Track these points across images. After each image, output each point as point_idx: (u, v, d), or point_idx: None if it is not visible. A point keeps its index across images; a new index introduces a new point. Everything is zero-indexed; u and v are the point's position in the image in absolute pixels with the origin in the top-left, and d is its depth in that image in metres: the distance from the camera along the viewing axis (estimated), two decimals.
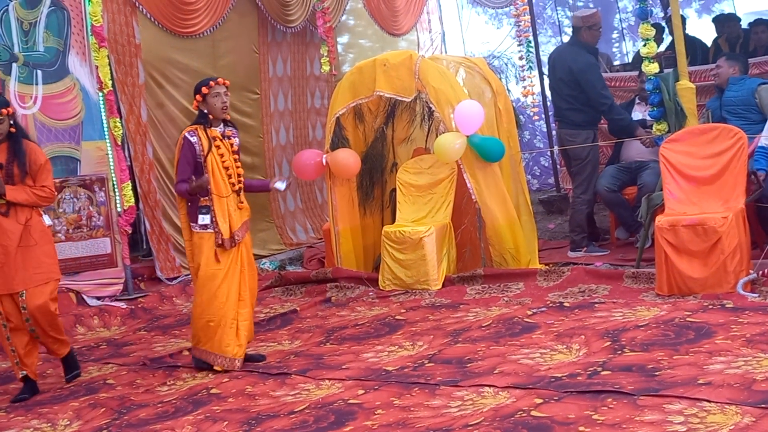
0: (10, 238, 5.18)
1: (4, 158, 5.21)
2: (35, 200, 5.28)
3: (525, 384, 4.33)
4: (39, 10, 7.56)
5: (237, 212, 5.46)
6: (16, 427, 4.70)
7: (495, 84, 7.75)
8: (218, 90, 5.36)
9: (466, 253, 7.48)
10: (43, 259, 5.30)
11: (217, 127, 5.46)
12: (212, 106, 5.37)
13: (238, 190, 5.49)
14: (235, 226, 5.41)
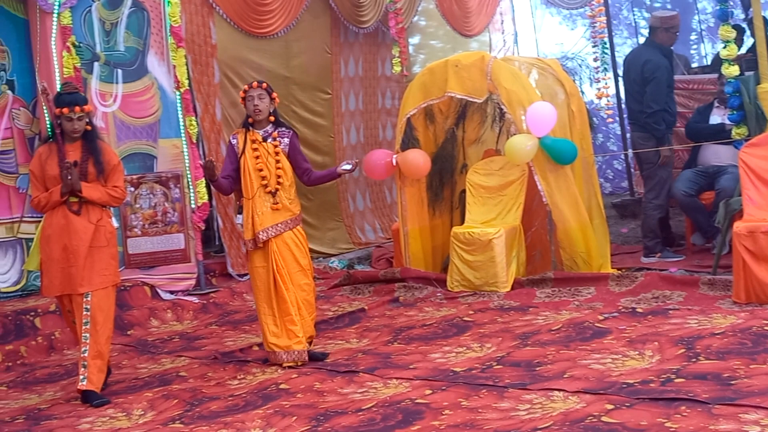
0: (81, 239, 5.14)
1: (79, 156, 5.19)
2: (108, 200, 5.28)
3: (596, 389, 4.28)
4: (120, 10, 7.75)
5: (269, 213, 5.45)
6: (92, 416, 4.82)
7: (568, 85, 7.67)
8: (251, 93, 5.48)
9: (536, 255, 7.42)
10: (111, 261, 5.27)
11: (262, 129, 5.54)
12: (247, 109, 5.51)
13: (273, 191, 5.48)
14: (259, 227, 5.41)
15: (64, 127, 5.19)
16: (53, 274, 5.16)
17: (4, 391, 5.57)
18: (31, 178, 5.31)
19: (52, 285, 5.18)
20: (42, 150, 5.28)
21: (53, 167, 5.14)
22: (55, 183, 5.14)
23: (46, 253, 5.19)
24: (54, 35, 7.23)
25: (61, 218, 5.15)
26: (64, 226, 5.14)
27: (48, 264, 5.19)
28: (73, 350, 6.44)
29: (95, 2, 7.56)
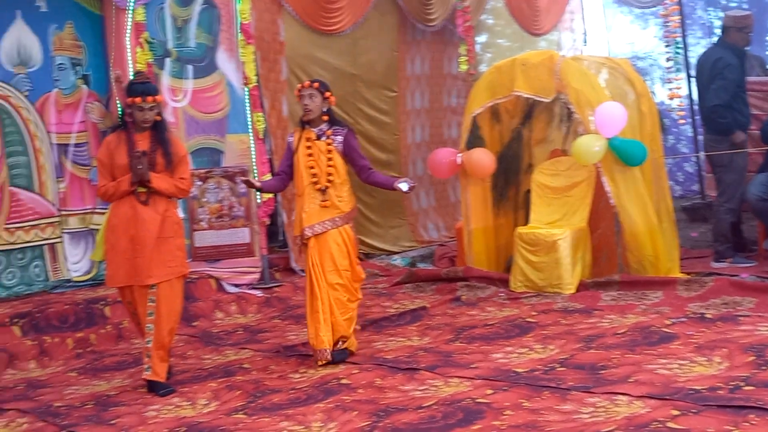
0: (149, 229, 5.08)
1: (148, 146, 5.15)
2: (175, 191, 5.25)
3: (661, 394, 4.20)
4: (192, 7, 7.88)
5: (316, 210, 5.47)
6: (158, 404, 4.92)
7: (639, 86, 7.54)
8: (303, 93, 5.55)
9: (602, 258, 7.32)
10: (177, 253, 5.23)
11: (317, 128, 5.56)
12: (301, 108, 5.60)
13: (323, 188, 5.49)
14: (306, 223, 5.46)
15: (135, 116, 5.16)
16: (118, 264, 5.12)
17: (75, 377, 5.72)
18: (98, 166, 5.25)
19: (116, 275, 5.15)
20: (111, 138, 5.24)
21: (122, 156, 5.11)
22: (123, 172, 5.10)
23: (111, 243, 5.15)
24: (128, 31, 7.39)
25: (128, 208, 5.11)
26: (132, 216, 5.09)
27: (113, 254, 5.15)
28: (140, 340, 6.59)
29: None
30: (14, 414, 4.88)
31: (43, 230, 7.37)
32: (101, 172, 5.20)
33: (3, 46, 7.20)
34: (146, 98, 5.11)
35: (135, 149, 5.09)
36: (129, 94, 5.15)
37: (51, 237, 7.41)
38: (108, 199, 5.21)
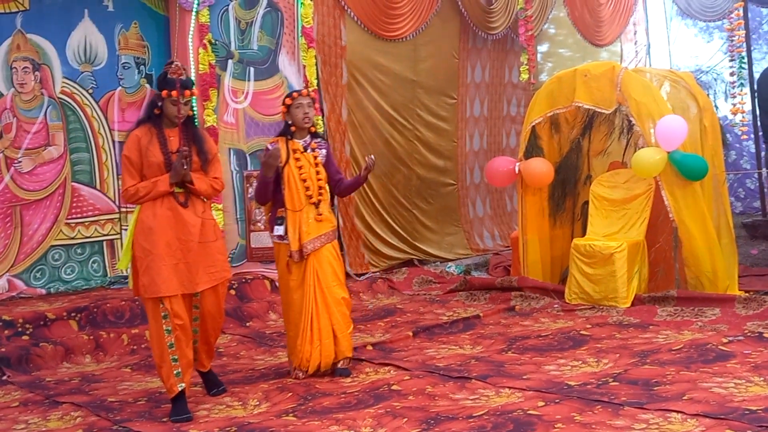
0: (191, 233, 4.68)
1: (180, 143, 4.71)
2: (211, 192, 4.88)
3: (716, 413, 4.12)
4: (256, 10, 7.98)
5: (313, 224, 5.26)
6: (210, 402, 4.97)
7: (702, 100, 7.42)
8: (301, 101, 5.25)
9: (659, 272, 7.21)
10: (218, 257, 4.85)
11: (302, 139, 5.33)
12: (295, 117, 5.26)
13: (317, 202, 5.28)
14: (305, 238, 5.23)
15: (168, 110, 4.70)
16: (156, 270, 4.59)
17: (128, 373, 5.80)
18: (125, 164, 4.69)
19: (154, 283, 4.59)
20: (140, 134, 4.71)
21: (156, 154, 4.65)
22: (156, 171, 4.65)
23: (145, 248, 4.61)
24: (192, 32, 7.51)
25: (166, 210, 4.65)
26: (171, 218, 4.66)
27: (150, 260, 4.60)
28: None
29: (232, 2, 7.82)
30: (69, 407, 4.97)
31: (102, 226, 7.51)
32: (129, 171, 4.68)
33: (70, 44, 7.38)
34: (184, 92, 4.69)
35: (180, 146, 4.67)
36: (164, 86, 4.69)
37: (110, 233, 7.55)
38: (137, 201, 4.68)
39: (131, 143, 4.70)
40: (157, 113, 4.72)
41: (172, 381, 4.64)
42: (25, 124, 7.16)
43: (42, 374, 5.75)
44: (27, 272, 7.13)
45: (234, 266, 7.75)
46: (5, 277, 7.01)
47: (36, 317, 6.26)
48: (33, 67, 7.19)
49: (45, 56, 7.25)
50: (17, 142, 7.12)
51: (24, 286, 7.08)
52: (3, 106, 7.06)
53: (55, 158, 7.31)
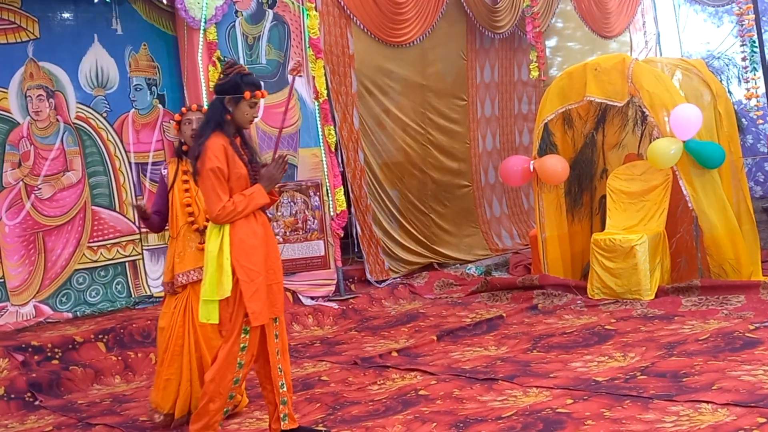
0: (278, 250, 4.33)
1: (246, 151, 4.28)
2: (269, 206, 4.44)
3: (747, 402, 4.10)
4: (262, 24, 8.02)
5: (192, 254, 4.70)
6: (241, 416, 4.99)
7: (715, 86, 7.40)
8: (189, 117, 4.77)
9: (681, 263, 7.19)
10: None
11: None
12: (184, 134, 4.79)
13: (201, 229, 4.68)
14: (177, 270, 4.71)
15: (243, 114, 4.23)
16: (264, 294, 4.18)
17: None
18: (216, 177, 4.09)
19: (265, 308, 4.18)
20: (224, 143, 4.16)
21: (240, 165, 4.18)
22: (244, 184, 4.19)
23: (252, 270, 4.13)
24: (200, 50, 7.56)
25: (260, 226, 4.21)
26: (263, 235, 4.21)
27: (257, 282, 4.15)
28: None
29: (239, 17, 7.86)
30: (101, 429, 5.02)
31: (124, 248, 7.57)
32: (221, 184, 4.10)
33: (82, 69, 7.45)
34: (263, 93, 4.30)
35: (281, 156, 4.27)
36: (249, 87, 4.20)
37: (132, 254, 7.60)
38: (234, 218, 4.12)
39: (219, 153, 4.11)
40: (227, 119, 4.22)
41: (217, 418, 4.23)
42: (42, 151, 7.23)
43: (73, 397, 5.80)
44: (53, 297, 7.20)
45: None
46: (32, 304, 7.08)
47: (64, 341, 6.32)
48: (47, 95, 7.26)
49: (58, 83, 7.32)
50: (36, 170, 7.19)
51: (50, 311, 7.15)
52: (20, 135, 7.13)
53: (74, 183, 7.38)
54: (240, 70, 4.26)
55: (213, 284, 4.11)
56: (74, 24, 7.44)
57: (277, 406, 4.31)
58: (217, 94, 4.26)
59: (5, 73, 7.07)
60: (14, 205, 7.08)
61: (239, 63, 4.59)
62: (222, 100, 4.21)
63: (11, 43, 7.11)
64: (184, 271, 4.72)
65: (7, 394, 5.68)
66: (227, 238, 4.11)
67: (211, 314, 4.16)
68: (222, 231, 4.13)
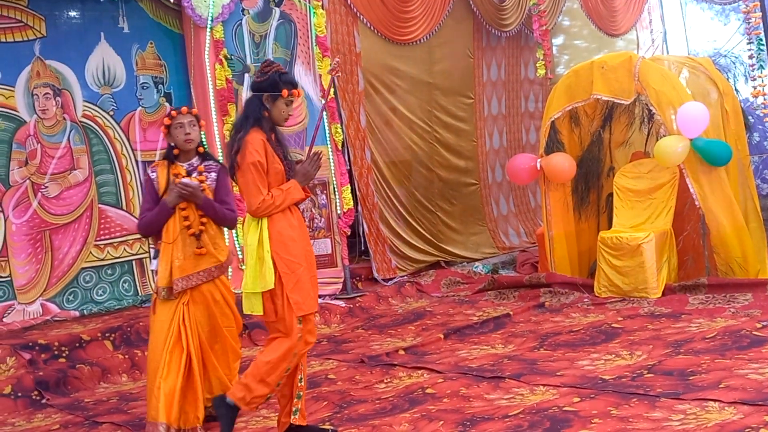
0: (311, 246, 4.44)
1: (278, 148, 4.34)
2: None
3: (754, 400, 4.10)
4: (269, 23, 8.02)
5: (189, 259, 4.52)
6: (247, 414, 4.99)
7: (722, 84, 7.39)
8: (181, 120, 4.57)
9: (688, 261, 7.18)
10: None
11: (187, 162, 4.63)
12: (176, 139, 4.60)
13: (197, 233, 4.53)
14: (176, 275, 4.48)
15: (279, 112, 4.31)
16: (307, 284, 4.27)
17: None
18: (257, 171, 4.18)
19: (309, 298, 4.26)
20: (263, 138, 4.24)
21: (277, 160, 4.26)
22: (280, 179, 4.26)
23: (292, 261, 4.22)
24: (207, 48, 7.57)
25: (296, 219, 4.31)
26: (299, 228, 4.32)
27: (298, 273, 4.24)
28: None
29: (245, 16, 7.86)
30: (108, 427, 5.03)
31: (131, 246, 7.58)
32: (262, 178, 4.20)
33: (89, 68, 7.46)
34: (300, 91, 4.44)
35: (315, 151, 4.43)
36: (286, 86, 4.30)
37: (139, 252, 7.62)
38: (267, 213, 4.20)
39: (259, 148, 4.20)
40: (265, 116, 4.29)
41: (258, 401, 4.25)
42: (49, 149, 7.25)
43: (80, 396, 5.81)
44: (60, 295, 7.21)
45: None
46: (39, 302, 7.10)
47: (71, 340, 6.33)
48: (54, 93, 7.27)
49: (65, 81, 7.33)
50: (43, 168, 7.21)
51: (57, 310, 7.17)
52: (27, 133, 7.15)
53: (80, 181, 7.39)
54: (278, 68, 4.37)
55: (255, 277, 4.20)
56: (81, 22, 7.46)
57: (291, 399, 4.36)
58: (254, 92, 4.35)
59: (12, 72, 7.08)
60: (21, 203, 7.09)
61: (276, 62, 4.58)
62: (260, 98, 4.30)
63: (18, 42, 7.12)
64: (184, 276, 4.50)
65: (14, 393, 5.69)
66: (266, 231, 4.20)
67: (255, 306, 4.25)
68: (260, 224, 4.21)
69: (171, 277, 4.51)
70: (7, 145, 7.05)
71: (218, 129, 7.66)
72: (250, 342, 6.88)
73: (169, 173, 4.60)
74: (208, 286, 4.59)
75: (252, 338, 6.91)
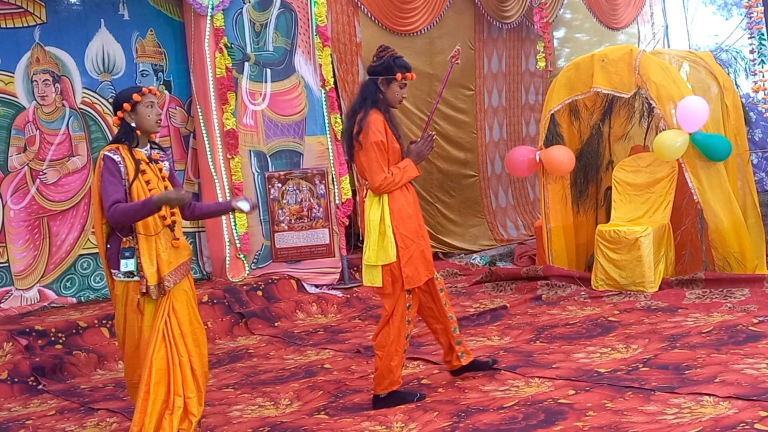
0: (422, 219, 4.74)
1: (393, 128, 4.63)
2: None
3: (749, 395, 4.10)
4: (269, 11, 8.00)
5: (171, 251, 4.17)
6: (243, 403, 5.01)
7: (722, 79, 7.37)
8: (151, 99, 4.17)
9: (685, 255, 7.17)
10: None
11: (143, 148, 4.24)
12: (144, 118, 4.15)
13: (171, 224, 4.20)
14: (165, 270, 4.11)
15: (393, 95, 4.59)
16: (418, 259, 4.59)
17: None
18: (379, 150, 4.45)
19: (417, 272, 4.58)
20: (383, 119, 4.52)
21: (394, 140, 4.56)
22: (396, 158, 4.56)
23: (408, 237, 4.55)
24: (207, 37, 7.55)
25: (411, 196, 4.64)
26: (414, 205, 4.65)
27: (412, 248, 4.56)
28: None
29: (246, 4, 7.84)
30: (104, 414, 5.04)
31: None
32: (383, 159, 4.48)
33: (88, 55, 7.45)
34: (413, 75, 4.64)
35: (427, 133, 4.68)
36: (400, 69, 4.57)
37: None
38: (388, 190, 4.49)
39: (381, 127, 4.49)
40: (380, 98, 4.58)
41: (399, 373, 4.62)
42: (48, 135, 7.24)
43: (77, 382, 5.82)
44: (57, 282, 7.22)
45: (260, 267, 7.81)
46: (36, 288, 7.10)
47: (68, 326, 6.34)
48: (53, 79, 7.26)
49: (64, 68, 7.32)
50: (41, 154, 7.21)
51: (55, 296, 7.17)
52: (26, 119, 7.14)
53: (79, 168, 7.39)
54: (392, 53, 4.65)
55: (376, 250, 4.52)
56: (81, 9, 7.44)
57: (453, 348, 4.86)
58: (370, 75, 4.64)
59: (12, 58, 7.07)
60: (19, 189, 7.09)
61: (391, 47, 4.76)
62: (375, 81, 4.59)
63: (18, 28, 7.11)
64: (170, 271, 4.14)
65: (11, 378, 5.70)
66: (387, 207, 4.52)
67: (375, 278, 4.56)
68: (381, 201, 4.53)
69: (160, 273, 4.10)
70: (6, 131, 7.05)
71: (218, 117, 7.65)
72: (247, 331, 6.90)
73: (133, 157, 4.13)
74: (185, 281, 4.25)
75: (249, 327, 6.93)
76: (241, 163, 7.73)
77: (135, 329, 4.16)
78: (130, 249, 4.09)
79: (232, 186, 7.67)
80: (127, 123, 4.16)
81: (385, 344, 4.58)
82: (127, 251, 4.09)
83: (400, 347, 4.59)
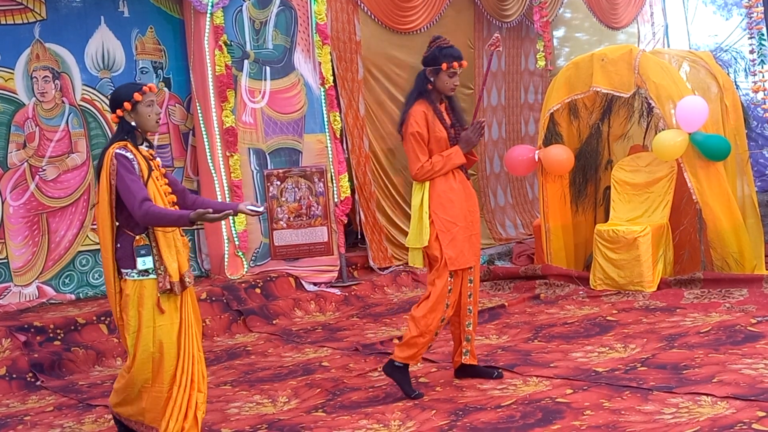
0: (476, 204, 4.87)
1: (450, 117, 4.82)
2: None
3: (747, 395, 4.11)
4: (269, 9, 8.00)
5: (184, 250, 4.14)
6: (241, 400, 5.01)
7: (722, 79, 7.37)
8: (152, 98, 4.10)
9: (684, 255, 7.18)
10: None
11: (145, 145, 4.23)
12: (145, 118, 4.08)
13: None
14: (185, 266, 4.08)
15: (443, 83, 4.75)
16: (462, 242, 4.71)
17: None
18: (416, 141, 4.68)
19: (462, 254, 4.71)
20: (425, 109, 4.71)
21: (440, 129, 4.71)
22: (443, 146, 4.72)
23: (449, 220, 4.69)
24: (207, 34, 7.55)
25: (457, 182, 4.76)
26: (461, 191, 4.76)
27: (454, 231, 4.70)
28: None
29: (246, 2, 7.84)
30: (102, 410, 5.03)
31: None
32: (421, 147, 4.70)
33: (88, 52, 7.44)
34: (462, 63, 4.77)
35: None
36: (446, 59, 4.71)
37: None
38: (432, 176, 4.71)
39: (419, 119, 4.70)
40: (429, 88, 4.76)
41: (421, 352, 4.78)
42: (47, 132, 7.24)
43: (75, 378, 5.83)
44: (56, 278, 7.22)
45: (258, 265, 7.81)
46: (35, 284, 7.10)
47: (67, 322, 6.34)
48: (53, 76, 7.26)
49: (64, 64, 7.31)
50: (41, 151, 7.20)
51: (53, 292, 7.17)
52: (25, 116, 7.14)
53: (78, 165, 7.39)
54: (440, 43, 4.80)
55: (417, 233, 4.74)
56: (81, 6, 7.43)
57: (461, 342, 4.90)
58: (423, 66, 4.80)
59: (11, 54, 7.06)
60: (19, 185, 7.09)
61: (442, 37, 4.89)
62: (425, 72, 4.76)
63: (18, 24, 7.10)
64: (188, 268, 4.12)
65: (9, 374, 5.70)
66: (427, 193, 4.72)
67: (416, 259, 4.83)
68: (423, 187, 4.73)
69: (181, 270, 4.04)
70: (5, 127, 7.04)
71: (217, 115, 7.65)
72: (245, 328, 6.90)
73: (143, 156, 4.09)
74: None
75: (247, 324, 6.93)
76: (240, 161, 7.73)
77: (152, 329, 3.97)
78: (145, 246, 3.99)
79: (231, 184, 7.67)
80: (127, 122, 4.08)
81: (419, 317, 4.70)
82: (142, 249, 3.98)
83: (433, 327, 4.70)
